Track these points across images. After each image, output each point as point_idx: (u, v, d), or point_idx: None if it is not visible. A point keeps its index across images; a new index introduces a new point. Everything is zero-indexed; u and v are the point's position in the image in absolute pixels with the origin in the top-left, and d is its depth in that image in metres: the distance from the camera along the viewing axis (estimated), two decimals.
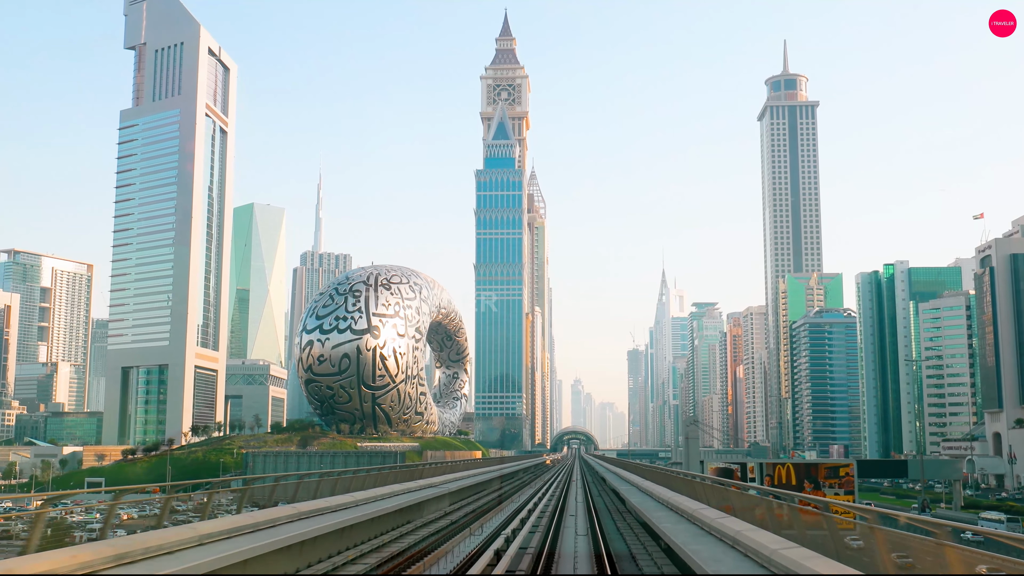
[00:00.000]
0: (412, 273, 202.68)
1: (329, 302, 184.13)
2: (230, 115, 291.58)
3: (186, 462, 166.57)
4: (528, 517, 36.82)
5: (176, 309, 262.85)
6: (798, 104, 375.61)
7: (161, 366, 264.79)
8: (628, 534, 32.19)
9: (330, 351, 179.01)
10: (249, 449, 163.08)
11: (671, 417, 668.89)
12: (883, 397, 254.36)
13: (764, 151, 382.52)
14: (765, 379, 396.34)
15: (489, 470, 71.29)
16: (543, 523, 34.62)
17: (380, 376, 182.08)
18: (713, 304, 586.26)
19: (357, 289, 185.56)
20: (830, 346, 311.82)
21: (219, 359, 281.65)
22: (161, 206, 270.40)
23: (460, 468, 57.51)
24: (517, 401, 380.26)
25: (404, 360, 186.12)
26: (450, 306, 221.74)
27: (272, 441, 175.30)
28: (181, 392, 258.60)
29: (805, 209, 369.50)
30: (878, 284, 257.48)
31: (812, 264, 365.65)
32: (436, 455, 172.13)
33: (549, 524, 33.63)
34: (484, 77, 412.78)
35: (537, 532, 31.30)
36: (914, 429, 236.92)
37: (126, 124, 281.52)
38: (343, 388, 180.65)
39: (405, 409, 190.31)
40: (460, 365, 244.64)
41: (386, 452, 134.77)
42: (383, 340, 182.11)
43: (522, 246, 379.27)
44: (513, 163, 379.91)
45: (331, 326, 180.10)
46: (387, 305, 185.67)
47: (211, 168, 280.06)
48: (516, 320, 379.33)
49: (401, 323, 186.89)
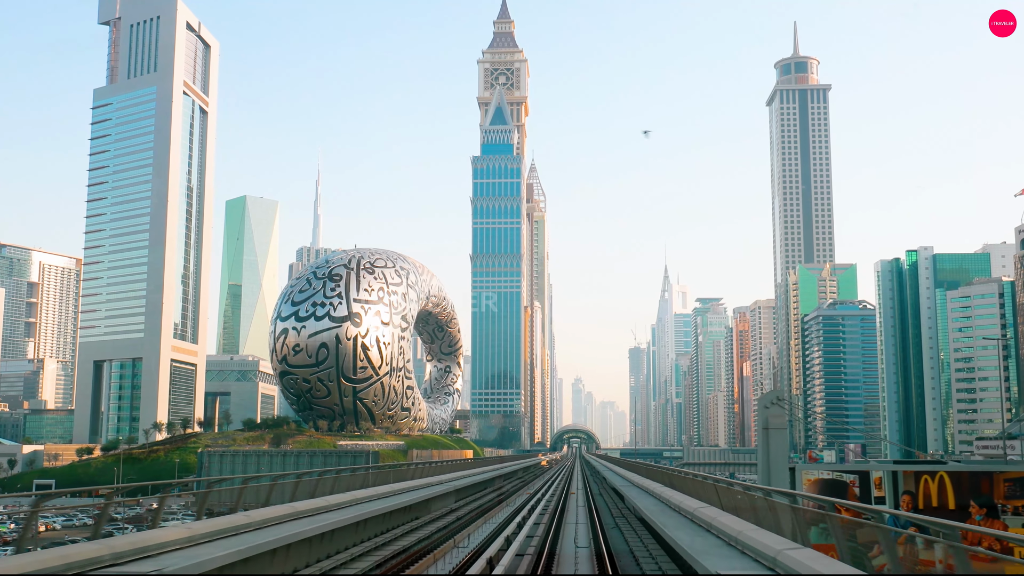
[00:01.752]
0: (399, 257, 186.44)
1: (306, 287, 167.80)
2: (211, 94, 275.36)
3: (145, 463, 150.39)
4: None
5: (151, 299, 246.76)
6: (809, 88, 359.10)
7: (135, 359, 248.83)
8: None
9: (306, 340, 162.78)
10: (216, 448, 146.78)
11: (674, 416, 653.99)
12: (905, 393, 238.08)
13: (773, 137, 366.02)
14: (774, 376, 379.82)
15: (465, 475, 55.41)
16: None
17: (362, 368, 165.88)
18: (718, 299, 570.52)
19: (337, 273, 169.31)
20: (845, 340, 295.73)
21: (198, 353, 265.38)
22: (136, 190, 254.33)
23: (418, 474, 41.63)
24: (515, 398, 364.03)
25: (388, 350, 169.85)
26: (440, 293, 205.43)
27: (242, 439, 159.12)
28: (156, 387, 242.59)
29: (816, 197, 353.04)
30: (899, 272, 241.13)
31: (824, 254, 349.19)
32: (423, 455, 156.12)
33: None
34: (481, 61, 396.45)
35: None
36: (940, 427, 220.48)
37: (99, 104, 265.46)
38: (321, 381, 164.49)
39: (390, 404, 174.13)
40: (452, 358, 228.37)
41: (357, 452, 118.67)
42: (365, 328, 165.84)
43: (520, 237, 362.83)
44: (511, 149, 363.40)
45: (308, 313, 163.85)
46: (370, 290, 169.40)
47: (190, 150, 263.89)
48: (514, 314, 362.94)
49: (385, 310, 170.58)
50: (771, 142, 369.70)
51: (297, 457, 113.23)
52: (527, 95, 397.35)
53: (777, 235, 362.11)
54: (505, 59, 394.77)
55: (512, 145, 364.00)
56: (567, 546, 25.69)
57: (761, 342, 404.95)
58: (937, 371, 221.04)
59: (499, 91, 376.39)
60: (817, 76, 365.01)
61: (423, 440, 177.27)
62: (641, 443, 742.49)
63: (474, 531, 32.19)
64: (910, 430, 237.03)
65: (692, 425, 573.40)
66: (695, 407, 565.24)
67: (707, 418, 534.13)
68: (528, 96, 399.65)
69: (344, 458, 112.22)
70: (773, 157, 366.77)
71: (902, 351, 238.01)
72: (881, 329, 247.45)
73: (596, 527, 29.65)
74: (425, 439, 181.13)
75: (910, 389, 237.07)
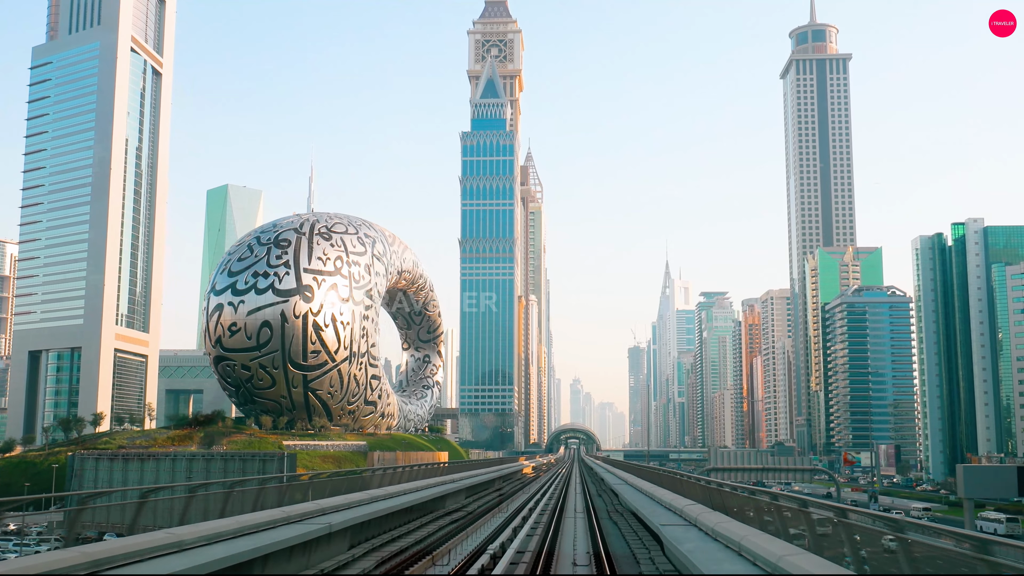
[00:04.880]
0: (363, 223, 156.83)
1: (247, 254, 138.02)
2: (166, 54, 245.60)
3: (40, 467, 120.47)
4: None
5: (92, 282, 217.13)
6: (827, 57, 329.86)
7: (74, 349, 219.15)
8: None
9: (245, 318, 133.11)
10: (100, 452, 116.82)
11: (676, 416, 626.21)
12: (949, 387, 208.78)
13: (788, 112, 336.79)
14: (788, 370, 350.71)
15: (392, 494, 27.20)
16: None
17: (314, 352, 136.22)
18: (723, 294, 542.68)
19: (285, 238, 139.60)
20: (872, 329, 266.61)
21: (150, 343, 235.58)
22: (76, 158, 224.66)
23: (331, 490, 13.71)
24: (508, 396, 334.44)
25: (347, 332, 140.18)
26: (416, 270, 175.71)
27: (164, 439, 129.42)
28: (96, 380, 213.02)
29: (836, 176, 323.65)
30: (943, 250, 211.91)
31: (845, 238, 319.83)
32: (386, 458, 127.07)
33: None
34: (472, 32, 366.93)
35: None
36: (995, 425, 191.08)
37: (38, 63, 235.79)
38: (263, 368, 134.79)
39: (350, 397, 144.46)
40: (432, 346, 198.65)
41: (267, 457, 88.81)
42: (318, 304, 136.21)
43: (514, 219, 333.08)
44: (504, 124, 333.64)
45: (247, 285, 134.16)
46: (325, 259, 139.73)
47: (141, 114, 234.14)
48: (507, 303, 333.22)
49: (344, 284, 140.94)
50: (786, 117, 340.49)
51: (191, 462, 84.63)
52: (521, 68, 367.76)
53: (792, 218, 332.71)
54: (498, 30, 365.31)
55: (504, 120, 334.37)
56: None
57: (774, 335, 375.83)
58: (991, 360, 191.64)
59: (490, 63, 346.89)
60: (836, 45, 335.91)
61: (391, 440, 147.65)
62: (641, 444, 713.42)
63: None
64: (954, 429, 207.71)
65: (696, 425, 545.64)
66: (699, 406, 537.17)
67: (712, 418, 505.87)
68: (522, 70, 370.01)
69: (250, 463, 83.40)
70: (788, 134, 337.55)
71: (946, 339, 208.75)
72: (920, 315, 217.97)
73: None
74: (393, 439, 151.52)
75: (954, 382, 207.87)
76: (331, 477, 30.51)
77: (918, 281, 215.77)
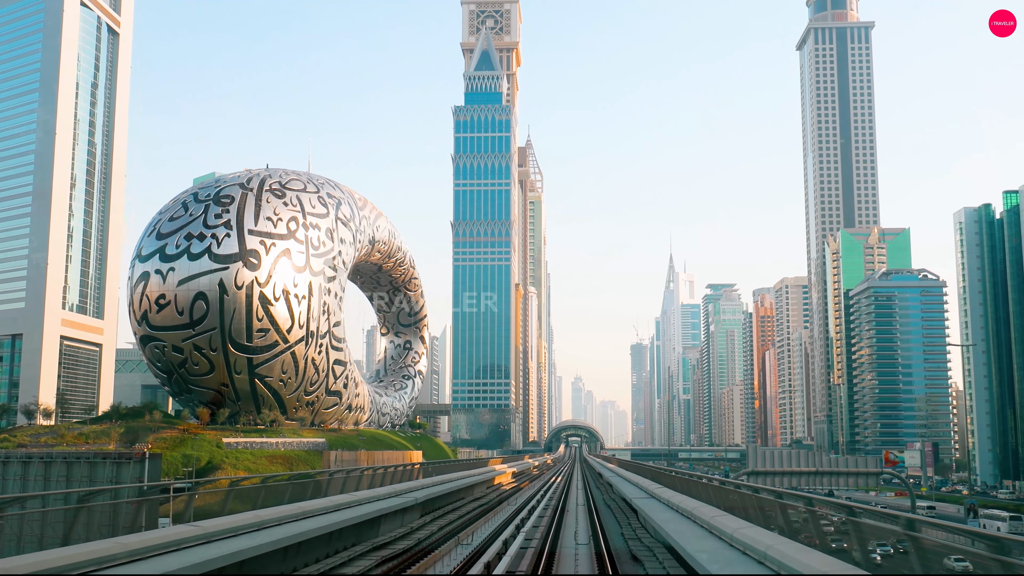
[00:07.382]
0: (326, 182, 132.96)
1: (180, 213, 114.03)
2: (124, 12, 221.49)
3: None
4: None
5: (34, 261, 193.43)
6: (848, 25, 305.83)
7: (14, 336, 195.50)
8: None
9: (176, 289, 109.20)
10: (24, 447, 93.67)
11: (680, 413, 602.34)
12: (999, 378, 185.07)
13: (806, 85, 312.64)
14: (805, 363, 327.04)
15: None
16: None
17: (260, 332, 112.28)
18: (731, 285, 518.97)
19: (227, 193, 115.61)
20: (901, 317, 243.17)
21: (104, 330, 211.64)
22: (19, 122, 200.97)
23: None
24: (505, 391, 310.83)
25: (303, 307, 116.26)
26: (393, 241, 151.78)
27: (73, 437, 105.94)
28: (38, 370, 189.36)
29: (858, 153, 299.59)
30: (990, 224, 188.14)
31: (868, 219, 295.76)
32: (346, 458, 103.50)
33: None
34: (466, 2, 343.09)
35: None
36: None
37: None
38: (199, 350, 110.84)
39: (308, 386, 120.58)
40: (414, 331, 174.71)
41: (120, 459, 65.79)
42: (266, 273, 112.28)
43: (510, 201, 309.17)
44: (500, 98, 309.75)
45: (179, 249, 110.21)
46: (276, 220, 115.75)
47: (94, 76, 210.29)
48: (503, 291, 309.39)
49: (300, 250, 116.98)
50: (802, 91, 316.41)
51: (26, 466, 61.77)
52: (519, 40, 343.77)
53: (811, 200, 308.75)
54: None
55: (500, 93, 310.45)
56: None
57: (788, 326, 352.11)
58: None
59: (485, 34, 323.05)
60: (857, 12, 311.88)
61: (356, 438, 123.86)
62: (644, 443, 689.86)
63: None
64: (1005, 426, 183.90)
65: (702, 423, 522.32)
66: (706, 403, 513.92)
67: (720, 415, 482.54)
68: (520, 43, 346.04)
69: (100, 468, 60.09)
70: (805, 109, 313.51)
71: (995, 326, 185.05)
72: (963, 298, 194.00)
73: None
74: (361, 435, 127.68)
75: (1005, 374, 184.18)
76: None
77: (962, 259, 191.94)
